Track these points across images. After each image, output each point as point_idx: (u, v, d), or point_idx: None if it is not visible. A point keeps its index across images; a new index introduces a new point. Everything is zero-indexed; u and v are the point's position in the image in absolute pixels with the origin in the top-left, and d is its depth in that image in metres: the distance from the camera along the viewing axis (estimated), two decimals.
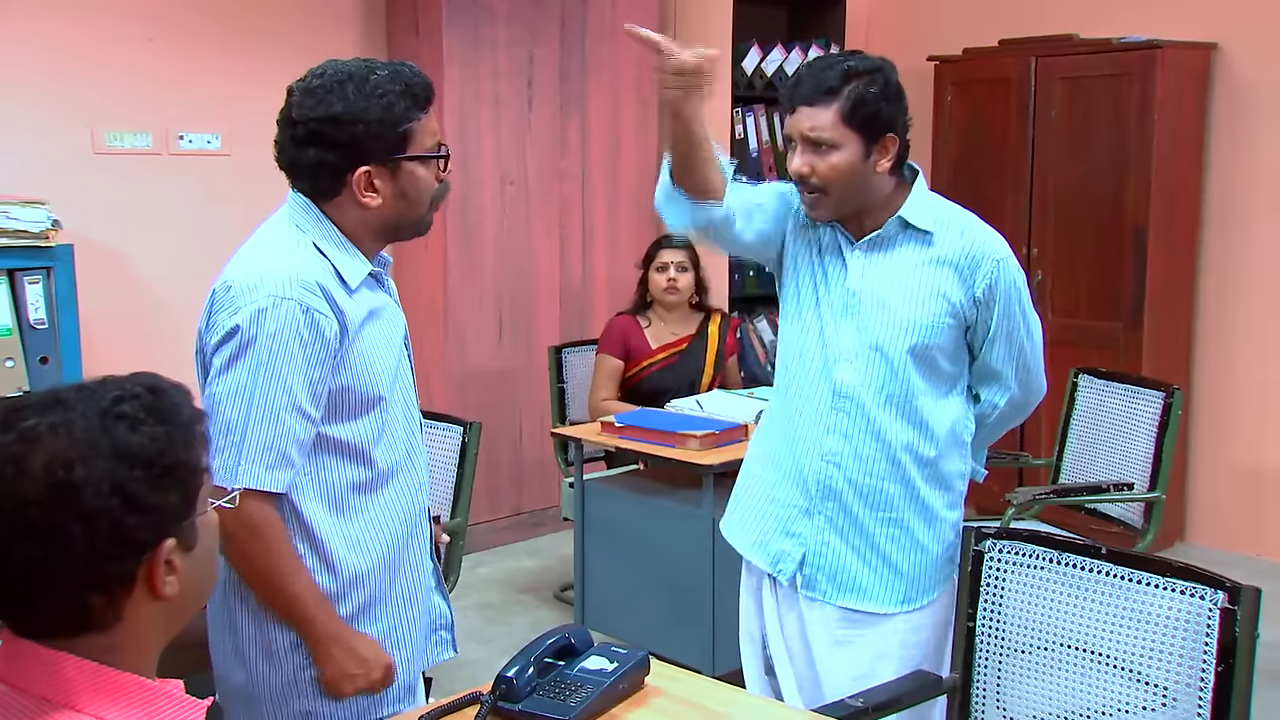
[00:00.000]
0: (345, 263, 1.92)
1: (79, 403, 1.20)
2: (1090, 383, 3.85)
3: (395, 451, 1.99)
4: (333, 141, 1.87)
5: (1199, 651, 1.94)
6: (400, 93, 1.89)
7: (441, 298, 4.91)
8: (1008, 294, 2.31)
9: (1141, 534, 3.57)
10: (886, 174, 2.29)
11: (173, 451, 1.22)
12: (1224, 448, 5.14)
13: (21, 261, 3.85)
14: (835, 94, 2.22)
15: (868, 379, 2.32)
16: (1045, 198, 5.13)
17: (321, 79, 1.90)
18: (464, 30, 4.83)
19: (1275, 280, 4.96)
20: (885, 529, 2.35)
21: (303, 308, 1.84)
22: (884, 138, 2.25)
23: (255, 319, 1.83)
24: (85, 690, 1.19)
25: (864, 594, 2.36)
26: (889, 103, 2.24)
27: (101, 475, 1.17)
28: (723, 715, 1.85)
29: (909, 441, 2.33)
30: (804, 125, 2.24)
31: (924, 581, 2.37)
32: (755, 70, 5.67)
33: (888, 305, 2.30)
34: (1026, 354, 2.37)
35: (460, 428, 3.30)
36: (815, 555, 2.38)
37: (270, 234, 1.96)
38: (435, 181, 1.97)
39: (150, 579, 1.21)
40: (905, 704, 2.17)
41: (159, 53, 4.40)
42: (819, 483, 2.37)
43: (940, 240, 2.30)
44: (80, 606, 1.19)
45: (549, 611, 4.50)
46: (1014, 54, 5.18)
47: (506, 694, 1.79)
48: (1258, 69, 4.92)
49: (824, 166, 2.24)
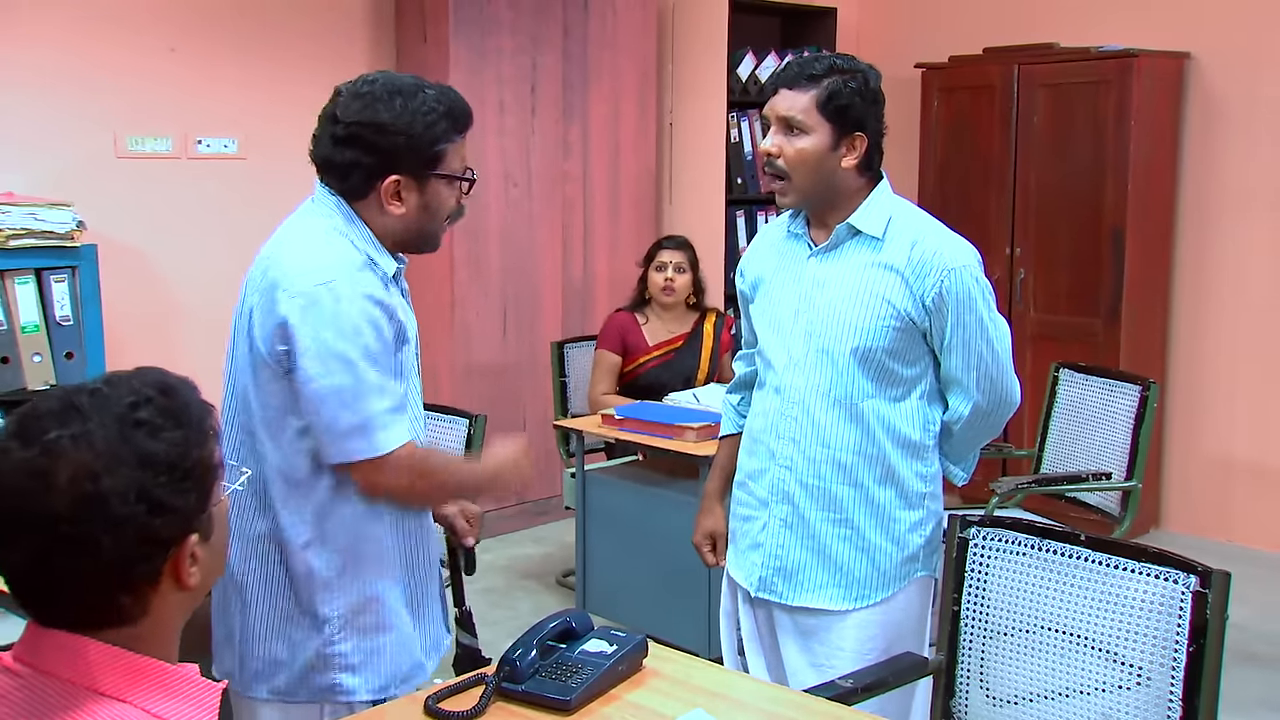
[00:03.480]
0: (377, 257, 1.98)
1: (96, 410, 1.19)
2: (1070, 376, 3.87)
3: None
4: (372, 146, 1.93)
5: (1172, 633, 1.96)
6: (443, 114, 1.95)
7: (449, 295, 4.94)
8: (961, 303, 2.25)
9: (1119, 521, 3.60)
10: (853, 172, 2.28)
11: (191, 453, 1.22)
12: (1196, 438, 5.19)
13: (48, 261, 3.90)
14: (815, 81, 2.24)
15: (815, 383, 2.31)
16: (1027, 199, 5.18)
17: (373, 86, 1.95)
18: (470, 39, 4.87)
19: (1246, 278, 5.02)
20: (835, 529, 2.33)
21: (364, 286, 1.90)
22: (854, 134, 2.25)
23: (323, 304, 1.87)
24: (109, 674, 1.20)
25: (818, 593, 2.35)
26: (864, 101, 2.26)
27: (127, 485, 1.16)
28: (718, 696, 1.86)
29: (857, 443, 2.30)
30: (780, 107, 2.27)
31: (877, 580, 2.34)
32: (749, 77, 5.71)
33: (833, 309, 2.29)
34: (988, 364, 2.29)
35: (466, 420, 3.32)
36: (771, 558, 2.38)
37: (308, 225, 1.99)
38: (455, 203, 2.03)
39: (175, 572, 1.23)
40: (892, 684, 2.18)
41: (181, 61, 4.45)
42: (773, 487, 2.38)
43: (888, 246, 2.28)
44: (110, 605, 1.20)
45: (551, 596, 4.54)
46: (998, 62, 5.24)
47: (510, 675, 1.81)
48: (1228, 77, 4.99)
49: (791, 150, 2.25)
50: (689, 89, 5.70)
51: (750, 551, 2.44)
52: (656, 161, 5.70)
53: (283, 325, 1.89)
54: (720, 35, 5.51)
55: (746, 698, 1.89)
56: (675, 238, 4.50)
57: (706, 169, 5.68)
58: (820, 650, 2.36)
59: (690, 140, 5.73)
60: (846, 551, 2.34)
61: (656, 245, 4.47)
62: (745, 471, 2.48)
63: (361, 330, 1.90)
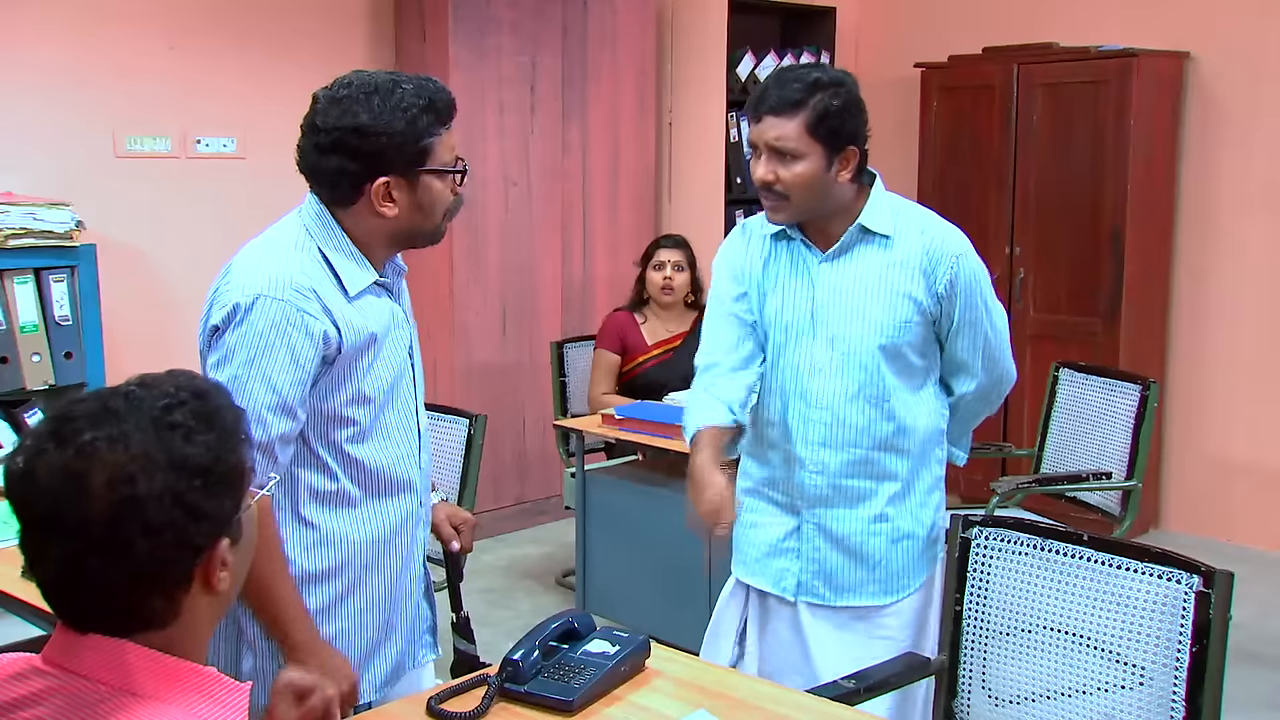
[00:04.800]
0: (348, 270, 1.91)
1: (130, 413, 1.19)
2: (1070, 376, 3.87)
3: (385, 456, 1.97)
4: (355, 151, 1.87)
5: (1175, 633, 1.96)
6: (424, 107, 1.88)
7: (448, 295, 4.94)
8: (968, 287, 2.32)
9: (1119, 521, 3.60)
10: (847, 183, 2.30)
11: (225, 457, 1.22)
12: (1195, 438, 5.20)
13: (47, 260, 3.92)
14: (800, 106, 2.22)
15: (843, 385, 2.33)
16: (1027, 199, 5.18)
17: (348, 89, 1.88)
18: (470, 38, 4.87)
19: (1244, 277, 5.03)
20: (870, 525, 2.38)
21: (293, 308, 1.83)
22: (846, 149, 2.26)
23: (245, 316, 1.82)
24: (149, 677, 1.19)
25: (858, 591, 2.39)
26: (851, 116, 2.26)
27: (163, 489, 1.16)
28: (721, 696, 1.86)
29: (889, 438, 2.35)
30: (769, 135, 2.25)
31: (912, 568, 2.41)
32: (749, 76, 5.71)
33: (856, 311, 2.32)
34: (991, 343, 2.38)
35: (466, 420, 3.30)
36: (809, 562, 2.41)
37: (276, 236, 1.95)
38: (450, 195, 1.97)
39: (206, 576, 1.23)
40: (895, 685, 2.20)
41: (179, 60, 4.45)
42: (802, 493, 2.40)
43: (900, 242, 2.31)
44: (143, 609, 1.20)
45: (551, 596, 4.54)
46: (997, 61, 5.23)
47: (513, 676, 1.81)
48: (1227, 77, 5.00)
49: (788, 175, 2.25)
50: (688, 88, 5.71)
51: (775, 557, 2.45)
52: (656, 161, 5.70)
53: (211, 332, 1.89)
54: (719, 35, 5.52)
55: (749, 698, 1.90)
56: (672, 237, 4.52)
57: (706, 168, 5.68)
58: (855, 641, 2.39)
59: (689, 140, 5.73)
60: (883, 546, 2.40)
61: (654, 244, 4.48)
62: (757, 479, 2.49)
63: (270, 349, 1.83)
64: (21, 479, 1.18)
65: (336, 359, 1.89)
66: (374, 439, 1.96)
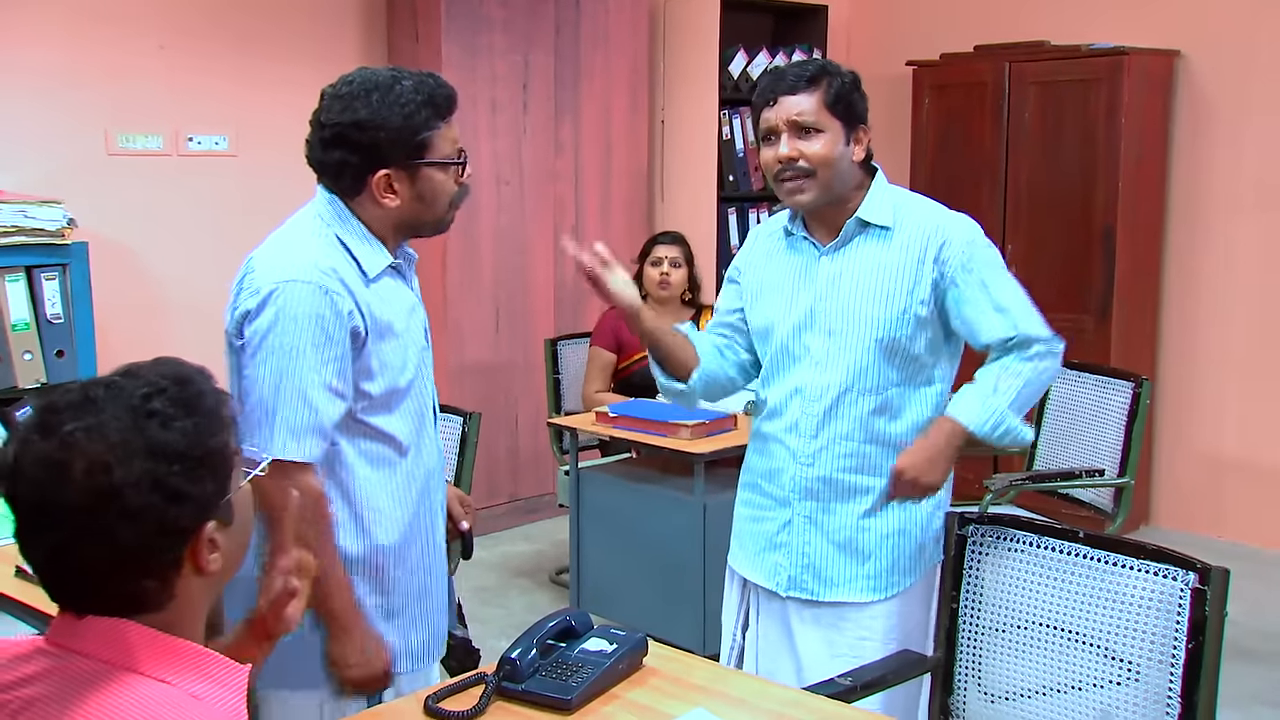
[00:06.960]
0: (366, 254, 2.00)
1: (109, 402, 1.21)
2: (1062, 373, 3.68)
3: (408, 426, 2.05)
4: (355, 145, 1.96)
5: (1170, 629, 1.96)
6: (422, 102, 1.97)
7: (441, 293, 4.94)
8: (976, 264, 2.28)
9: (1111, 518, 3.61)
10: (858, 166, 2.33)
11: (204, 442, 1.24)
12: (1186, 435, 5.21)
13: (39, 259, 3.90)
14: (816, 82, 2.28)
15: (839, 379, 2.34)
16: (1018, 197, 5.19)
17: (350, 86, 1.98)
18: (462, 37, 4.87)
19: (1235, 275, 5.04)
20: (862, 521, 2.37)
21: (321, 289, 1.91)
22: (859, 127, 2.32)
23: (275, 302, 1.90)
24: (149, 655, 1.22)
25: (847, 586, 2.38)
26: (861, 96, 2.32)
27: (140, 475, 1.18)
28: (719, 694, 1.86)
29: (883, 433, 2.34)
30: (790, 111, 2.28)
31: (903, 566, 2.38)
32: (741, 74, 5.73)
33: (853, 304, 2.32)
34: (1021, 301, 2.30)
35: (460, 418, 3.30)
36: (799, 556, 2.41)
37: (296, 225, 2.03)
38: (454, 185, 2.05)
39: (195, 558, 1.25)
40: (891, 682, 2.20)
41: (171, 59, 4.45)
42: (795, 485, 2.40)
43: (900, 233, 2.32)
44: (136, 591, 1.23)
45: (544, 594, 4.55)
46: (988, 59, 5.25)
47: (510, 674, 1.82)
48: (1217, 75, 5.01)
49: (810, 150, 2.27)
50: (681, 86, 5.71)
51: (770, 552, 2.46)
52: (648, 159, 5.70)
53: (242, 318, 1.95)
54: (712, 33, 5.53)
55: (747, 696, 1.90)
56: (670, 233, 4.52)
57: (698, 166, 5.69)
58: (841, 641, 2.39)
59: (682, 138, 5.73)
60: (873, 542, 2.38)
61: (652, 241, 4.48)
62: (757, 472, 2.50)
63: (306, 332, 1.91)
64: (9, 470, 1.22)
65: (365, 336, 1.97)
66: (399, 412, 2.04)
